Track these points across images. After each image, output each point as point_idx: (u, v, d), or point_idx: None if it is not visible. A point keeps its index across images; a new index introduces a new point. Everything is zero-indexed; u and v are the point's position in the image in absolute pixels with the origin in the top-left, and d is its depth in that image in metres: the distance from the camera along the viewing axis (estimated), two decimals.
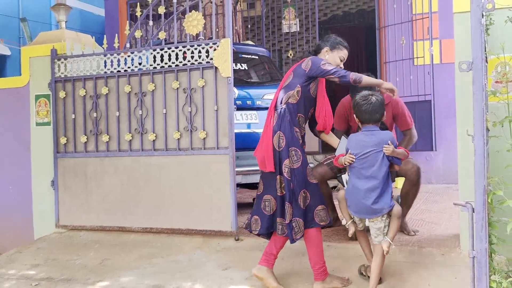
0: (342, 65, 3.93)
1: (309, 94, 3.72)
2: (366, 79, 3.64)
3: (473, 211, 2.30)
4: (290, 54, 9.34)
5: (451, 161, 5.11)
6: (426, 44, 7.62)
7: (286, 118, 3.62)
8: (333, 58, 3.88)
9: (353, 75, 3.61)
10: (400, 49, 7.95)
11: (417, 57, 7.82)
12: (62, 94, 5.41)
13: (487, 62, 3.49)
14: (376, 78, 4.72)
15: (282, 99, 3.70)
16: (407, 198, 4.60)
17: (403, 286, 3.46)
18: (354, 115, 3.58)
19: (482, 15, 2.41)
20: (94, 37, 5.68)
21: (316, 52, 4.00)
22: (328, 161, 4.72)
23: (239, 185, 6.01)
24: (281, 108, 3.66)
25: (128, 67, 5.18)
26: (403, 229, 4.65)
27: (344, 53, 3.96)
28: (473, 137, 2.28)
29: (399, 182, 4.92)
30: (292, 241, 3.60)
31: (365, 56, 11.53)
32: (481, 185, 2.26)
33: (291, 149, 3.57)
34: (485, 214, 2.26)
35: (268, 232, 3.72)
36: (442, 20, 7.66)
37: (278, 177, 3.57)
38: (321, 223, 3.61)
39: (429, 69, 7.46)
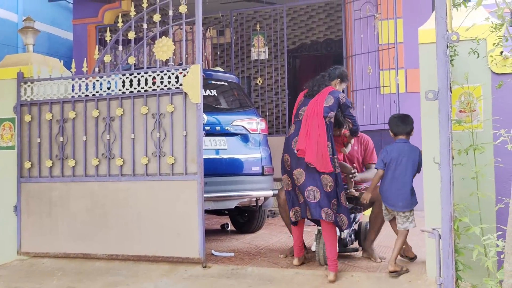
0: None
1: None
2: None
3: (440, 238, 2.33)
4: (259, 81, 9.42)
5: (417, 189, 5.16)
6: (392, 74, 7.80)
7: (330, 132, 4.40)
8: (340, 88, 4.73)
9: (358, 131, 4.79)
10: (367, 78, 8.12)
11: (384, 86, 8.01)
12: (27, 118, 5.32)
13: (451, 92, 3.58)
14: None
15: (326, 114, 4.39)
16: (376, 222, 4.70)
17: None
18: (390, 130, 4.51)
19: (447, 46, 2.48)
20: (62, 61, 5.62)
21: (330, 78, 4.73)
22: None
23: (207, 211, 5.97)
24: (328, 121, 4.39)
25: (97, 92, 5.14)
26: (370, 255, 4.70)
27: (345, 85, 4.94)
28: (439, 164, 2.32)
29: (367, 211, 5.00)
30: (341, 229, 4.42)
31: None
32: (447, 212, 2.30)
33: (335, 157, 4.36)
34: (452, 240, 2.29)
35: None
36: (407, 50, 7.87)
37: (327, 176, 4.26)
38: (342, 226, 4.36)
39: (395, 98, 7.62)
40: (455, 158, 3.16)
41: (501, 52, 3.76)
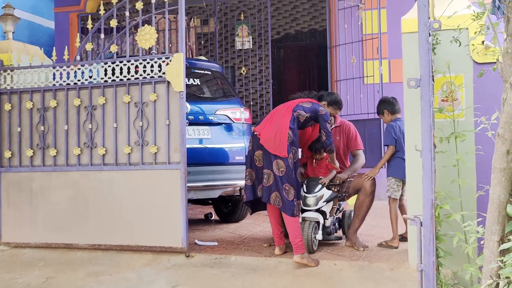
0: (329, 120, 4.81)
1: (305, 124, 4.68)
2: (333, 155, 4.85)
3: (421, 225, 2.34)
4: (243, 71, 9.39)
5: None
6: (375, 64, 7.82)
7: (296, 124, 4.51)
8: (329, 112, 4.85)
9: (333, 148, 4.76)
10: (350, 68, 8.13)
11: (367, 76, 8.02)
12: (7, 107, 5.24)
13: (433, 80, 3.60)
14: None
15: (298, 109, 4.57)
16: (361, 210, 4.73)
17: None
18: (386, 111, 4.90)
19: (429, 34, 2.49)
20: (43, 49, 5.54)
21: (319, 98, 4.95)
22: None
23: (190, 201, 5.95)
24: (296, 115, 4.52)
25: (78, 80, 5.08)
26: (353, 244, 4.72)
27: (335, 112, 5.04)
28: (421, 152, 2.33)
29: (351, 199, 5.03)
30: (292, 215, 4.32)
31: (316, 74, 11.71)
32: (428, 200, 2.31)
33: (293, 147, 4.44)
34: (433, 227, 2.30)
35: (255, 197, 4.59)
36: (391, 40, 7.89)
37: (281, 161, 4.36)
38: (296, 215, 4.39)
39: (378, 88, 7.64)
40: (437, 146, 3.18)
41: (483, 42, 3.79)
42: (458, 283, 3.20)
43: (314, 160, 4.95)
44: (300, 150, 5.02)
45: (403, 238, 4.76)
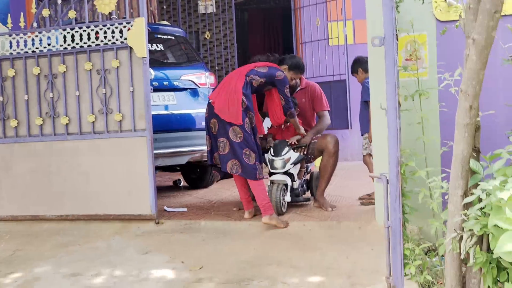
0: (291, 81, 4.84)
1: (261, 89, 4.66)
2: (296, 119, 4.78)
3: (388, 183, 2.37)
4: (207, 36, 9.26)
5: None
6: (340, 25, 7.80)
7: (249, 89, 4.48)
8: (289, 76, 4.79)
9: (294, 113, 4.71)
10: (315, 30, 8.09)
11: (332, 38, 8.00)
12: None
13: (397, 39, 3.60)
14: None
15: (252, 74, 4.52)
16: (326, 170, 4.76)
17: (323, 260, 3.53)
18: (361, 69, 4.98)
19: None
20: None
21: (280, 62, 4.85)
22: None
23: (158, 168, 5.91)
24: (249, 80, 4.48)
25: (36, 48, 4.91)
26: (321, 205, 4.78)
27: (296, 76, 4.91)
28: (386, 110, 2.34)
29: (318, 161, 5.07)
30: (256, 179, 4.35)
31: (281, 37, 11.63)
32: (394, 157, 2.34)
33: (249, 112, 4.44)
34: (399, 185, 2.34)
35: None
36: (355, 1, 7.85)
37: (237, 128, 4.35)
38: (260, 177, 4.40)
39: (343, 50, 7.64)
40: (401, 105, 3.20)
41: None
42: (423, 238, 3.28)
43: (283, 125, 4.96)
44: (268, 118, 5.05)
45: (370, 198, 4.82)
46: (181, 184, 6.86)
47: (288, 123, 4.94)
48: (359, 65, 5.02)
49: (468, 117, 1.99)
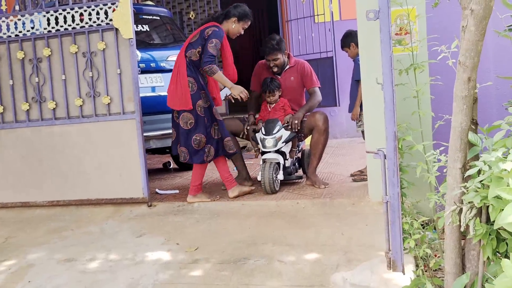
0: (242, 32, 4.72)
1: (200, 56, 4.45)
2: (219, 74, 4.44)
3: (385, 158, 2.36)
4: (191, 15, 9.14)
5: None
6: (326, 2, 7.74)
7: (193, 67, 4.45)
8: (237, 28, 4.66)
9: (213, 69, 4.37)
10: (301, 7, 8.03)
11: (318, 15, 7.94)
12: None
13: None
14: (280, 36, 5.08)
15: (188, 51, 4.47)
16: (317, 148, 4.76)
17: (318, 237, 3.54)
18: (353, 44, 4.91)
19: None
20: None
21: (226, 16, 4.63)
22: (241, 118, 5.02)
23: (148, 151, 5.86)
24: (189, 58, 4.45)
25: (20, 32, 4.81)
26: (313, 183, 4.78)
27: (247, 24, 4.73)
28: (382, 85, 2.33)
29: (308, 140, 5.07)
30: (203, 162, 4.50)
31: (266, 15, 11.53)
32: (391, 132, 2.33)
33: (202, 92, 4.44)
34: (396, 159, 2.33)
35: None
36: None
37: (188, 114, 4.40)
38: (230, 151, 4.60)
39: (329, 26, 7.60)
40: (395, 79, 3.19)
41: None
42: (420, 212, 3.30)
43: (268, 105, 4.92)
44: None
45: (362, 174, 4.84)
46: (171, 167, 6.82)
47: (273, 104, 4.88)
48: (351, 39, 4.93)
49: (466, 89, 1.98)
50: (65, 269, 3.41)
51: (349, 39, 5.00)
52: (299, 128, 4.74)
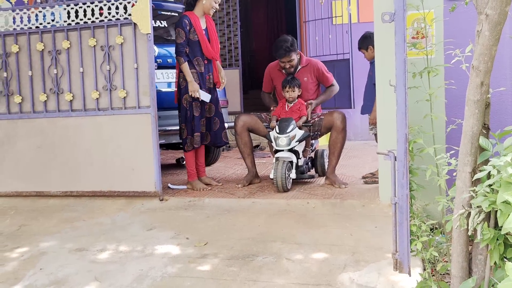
0: (217, 6, 4.91)
1: (191, 41, 4.80)
2: (184, 66, 4.76)
3: (395, 159, 2.37)
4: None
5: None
6: (344, 3, 7.74)
7: (186, 56, 4.79)
8: (209, 3, 4.83)
9: (180, 60, 4.76)
10: (319, 9, 8.03)
11: (336, 16, 7.95)
12: None
13: None
14: (296, 38, 5.19)
15: (175, 49, 4.82)
16: (335, 147, 4.78)
17: (327, 237, 3.55)
18: (371, 47, 4.82)
19: None
20: None
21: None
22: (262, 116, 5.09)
23: (161, 146, 5.91)
24: (176, 57, 4.84)
25: (40, 24, 4.89)
26: (332, 182, 4.78)
27: (217, 2, 4.88)
28: (395, 87, 2.34)
29: (322, 140, 5.09)
30: (185, 150, 4.96)
31: (284, 15, 11.54)
32: (402, 134, 2.33)
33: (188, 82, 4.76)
34: (406, 161, 2.34)
35: None
36: None
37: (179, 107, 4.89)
38: (195, 145, 4.91)
39: (347, 28, 7.59)
40: (409, 82, 3.19)
41: None
42: (429, 216, 3.30)
43: (287, 104, 4.95)
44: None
45: (374, 176, 4.85)
46: (184, 162, 6.85)
47: (291, 104, 4.92)
48: (369, 41, 4.85)
49: (479, 94, 1.98)
50: (76, 258, 3.46)
51: (367, 41, 4.97)
52: (311, 128, 4.77)
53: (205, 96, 4.86)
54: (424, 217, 3.14)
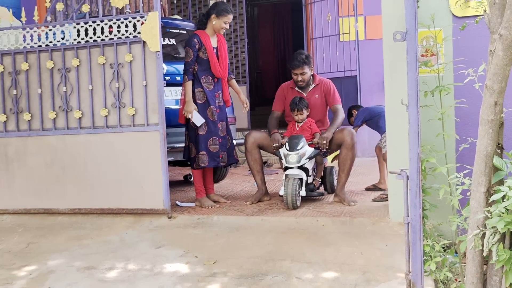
0: (227, 26, 4.92)
1: (201, 59, 4.85)
2: (186, 85, 4.82)
3: (408, 179, 2.36)
4: None
5: (376, 135, 5.32)
6: (351, 21, 7.77)
7: (195, 81, 4.87)
8: (219, 24, 4.86)
9: (184, 79, 4.82)
10: (326, 26, 8.06)
11: (343, 33, 7.98)
12: None
13: None
14: (308, 52, 5.19)
15: (183, 67, 4.90)
16: (345, 164, 4.76)
17: (337, 256, 3.52)
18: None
19: None
20: (11, 10, 5.33)
21: (206, 17, 4.91)
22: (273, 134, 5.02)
23: (169, 163, 5.90)
24: (185, 75, 4.86)
25: (50, 42, 4.92)
26: (341, 200, 4.76)
27: (228, 18, 4.88)
28: (407, 106, 2.33)
29: (330, 158, 5.07)
30: (193, 168, 4.99)
31: (291, 32, 11.59)
32: (415, 153, 2.32)
33: (200, 103, 4.85)
34: (419, 181, 2.32)
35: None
36: None
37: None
38: (201, 165, 4.88)
39: (354, 45, 7.62)
40: (421, 101, 3.19)
41: None
42: (442, 235, 3.27)
43: (296, 124, 4.95)
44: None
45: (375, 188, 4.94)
46: (192, 179, 6.85)
47: (301, 123, 4.92)
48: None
49: (493, 113, 1.98)
50: (84, 276, 3.44)
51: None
52: (327, 147, 4.76)
53: (198, 120, 4.81)
54: (436, 236, 3.11)
